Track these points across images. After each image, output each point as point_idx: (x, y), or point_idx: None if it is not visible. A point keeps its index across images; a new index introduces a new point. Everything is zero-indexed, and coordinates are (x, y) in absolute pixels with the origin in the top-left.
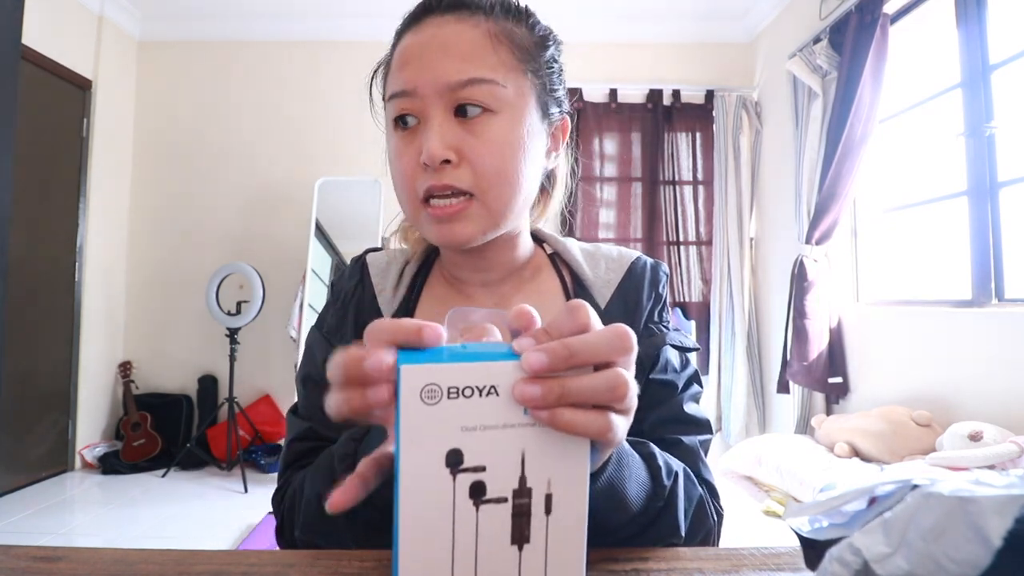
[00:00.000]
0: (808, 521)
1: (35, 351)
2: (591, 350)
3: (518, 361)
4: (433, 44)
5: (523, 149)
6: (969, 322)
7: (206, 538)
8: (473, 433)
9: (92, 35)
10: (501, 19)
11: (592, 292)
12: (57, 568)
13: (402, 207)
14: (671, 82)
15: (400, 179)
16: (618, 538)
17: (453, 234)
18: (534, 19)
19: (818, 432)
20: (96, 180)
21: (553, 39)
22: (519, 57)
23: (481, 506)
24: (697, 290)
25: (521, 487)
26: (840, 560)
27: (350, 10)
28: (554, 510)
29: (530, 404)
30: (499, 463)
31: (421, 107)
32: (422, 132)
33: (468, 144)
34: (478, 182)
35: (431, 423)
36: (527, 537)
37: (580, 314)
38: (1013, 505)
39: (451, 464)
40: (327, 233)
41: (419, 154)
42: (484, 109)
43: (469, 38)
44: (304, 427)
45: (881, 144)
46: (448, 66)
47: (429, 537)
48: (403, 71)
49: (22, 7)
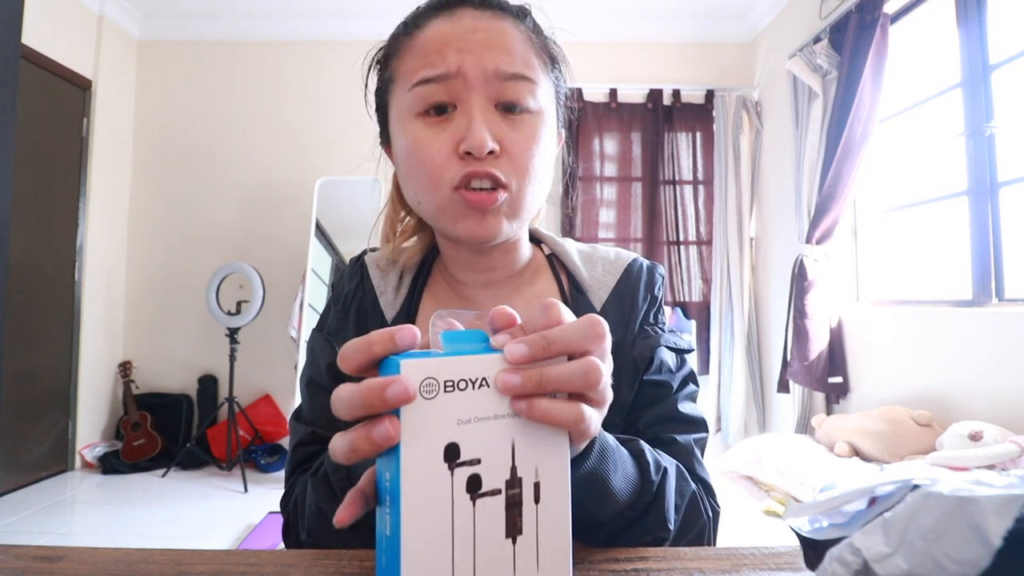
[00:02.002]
0: (808, 521)
1: (35, 351)
2: (566, 339)
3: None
4: (476, 35)
5: (550, 150)
6: (969, 322)
7: (206, 538)
8: (468, 425)
9: (92, 35)
10: (532, 27)
11: (588, 294)
12: (57, 568)
13: (421, 200)
14: (671, 82)
15: (426, 169)
16: (607, 532)
17: (485, 227)
18: (545, 34)
19: (818, 432)
20: (96, 180)
21: (563, 57)
22: (547, 65)
23: (478, 500)
24: (697, 290)
25: (513, 477)
26: (840, 560)
27: (350, 10)
28: (542, 499)
29: (511, 392)
30: (492, 454)
31: (460, 93)
32: (458, 119)
33: (509, 137)
34: (514, 174)
35: (430, 417)
36: (520, 528)
37: (553, 311)
38: (1013, 505)
39: (449, 459)
40: (327, 233)
41: (453, 142)
42: (524, 106)
43: (511, 35)
44: (307, 431)
45: (881, 144)
46: (496, 56)
47: (430, 534)
48: (439, 55)
49: (22, 7)
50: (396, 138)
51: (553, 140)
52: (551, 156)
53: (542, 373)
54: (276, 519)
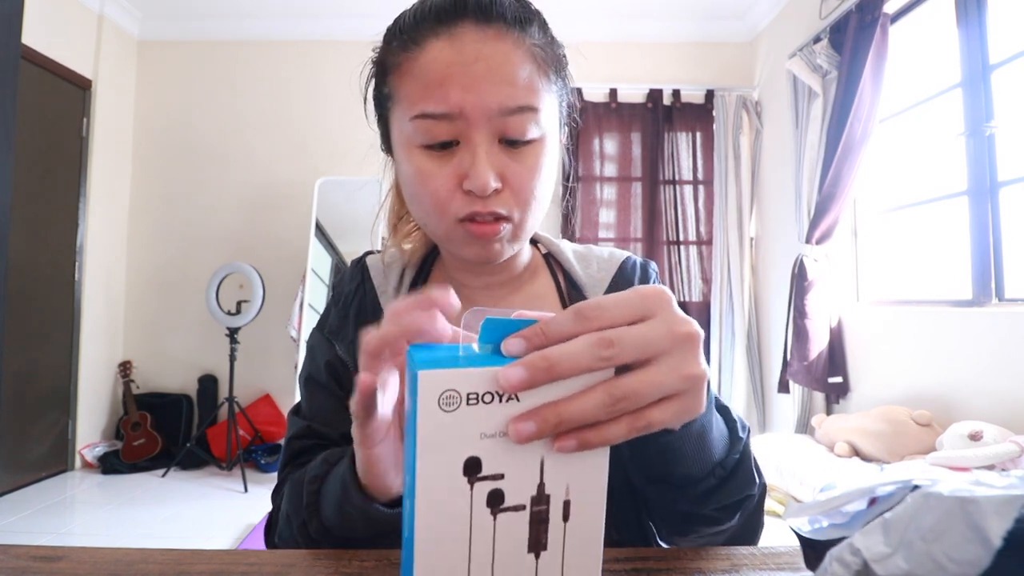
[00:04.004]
0: (808, 521)
1: (35, 351)
2: (572, 361)
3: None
4: (478, 65)
5: (553, 172)
6: (969, 322)
7: (206, 538)
8: (492, 440)
9: (92, 35)
10: (536, 35)
11: (585, 291)
12: (57, 568)
13: (427, 223)
14: (671, 82)
15: (430, 201)
16: (701, 491)
17: (489, 253)
18: (551, 32)
19: (818, 432)
20: (96, 180)
21: (566, 57)
22: (551, 78)
23: (499, 515)
24: (697, 290)
25: (540, 494)
26: (840, 560)
27: (350, 10)
28: (572, 517)
29: (527, 440)
30: (518, 470)
31: (464, 131)
32: (462, 155)
33: (511, 170)
34: (517, 206)
35: (449, 431)
36: (544, 544)
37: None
38: (1013, 505)
39: (469, 472)
40: (327, 233)
41: (456, 177)
42: (527, 138)
43: (514, 61)
44: (303, 425)
45: (881, 144)
46: (498, 91)
47: (445, 546)
48: (442, 90)
49: (22, 7)
50: (400, 162)
51: (556, 158)
52: (553, 176)
53: (559, 413)
54: None
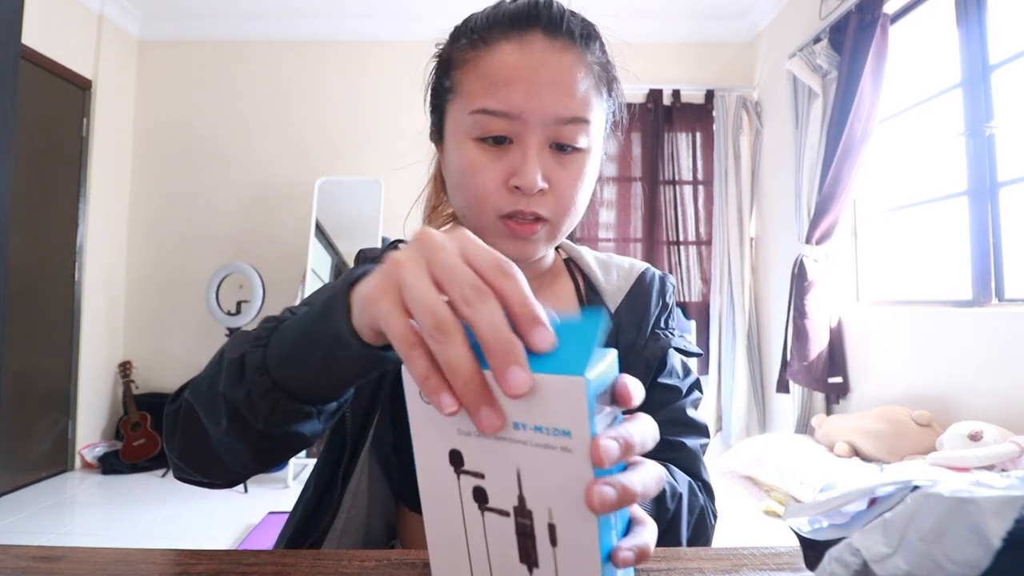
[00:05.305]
0: (808, 521)
1: (35, 351)
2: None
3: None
4: (543, 72)
5: (592, 182)
6: (969, 322)
7: (206, 538)
8: (469, 438)
9: (92, 35)
10: (597, 52)
11: (604, 298)
12: (57, 568)
13: (467, 214)
14: (671, 82)
15: (476, 192)
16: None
17: (523, 251)
18: (608, 52)
19: (818, 432)
20: (96, 180)
21: (617, 78)
22: (604, 95)
23: (486, 512)
24: (697, 290)
25: (521, 506)
26: (840, 560)
27: (350, 10)
28: (560, 544)
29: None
30: (496, 473)
31: (519, 131)
32: (513, 153)
33: (557, 175)
34: (556, 211)
35: (432, 421)
36: (535, 560)
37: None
38: (1013, 506)
39: (454, 463)
40: (327, 233)
41: (506, 173)
42: (575, 146)
43: (575, 74)
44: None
45: (881, 144)
46: (558, 100)
47: (446, 530)
48: (506, 90)
49: (22, 7)
50: (451, 151)
51: (596, 169)
52: (592, 186)
53: (625, 487)
54: (276, 519)
